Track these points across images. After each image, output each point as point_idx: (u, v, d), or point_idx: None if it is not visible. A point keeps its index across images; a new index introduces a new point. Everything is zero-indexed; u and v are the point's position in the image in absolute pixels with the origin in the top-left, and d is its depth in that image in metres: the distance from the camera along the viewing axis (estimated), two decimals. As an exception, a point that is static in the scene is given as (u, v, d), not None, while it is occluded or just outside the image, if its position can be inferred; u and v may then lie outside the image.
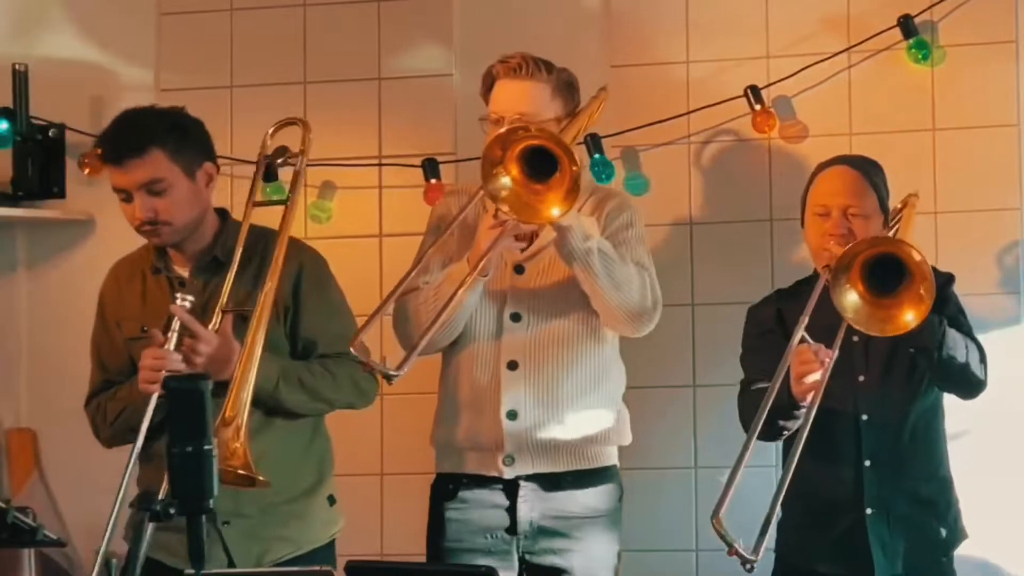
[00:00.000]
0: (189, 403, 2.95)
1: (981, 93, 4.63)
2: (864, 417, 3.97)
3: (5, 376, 5.08)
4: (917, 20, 4.64)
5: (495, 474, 4.06)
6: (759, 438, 3.75)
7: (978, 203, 4.58)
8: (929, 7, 4.64)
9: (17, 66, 4.96)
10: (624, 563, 4.23)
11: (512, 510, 4.07)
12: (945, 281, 4.00)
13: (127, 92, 5.07)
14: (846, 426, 3.96)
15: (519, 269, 4.10)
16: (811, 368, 3.75)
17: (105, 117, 5.02)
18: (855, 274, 3.72)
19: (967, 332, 3.95)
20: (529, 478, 4.06)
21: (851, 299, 3.72)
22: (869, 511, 3.94)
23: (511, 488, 4.07)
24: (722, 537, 3.46)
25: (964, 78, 4.65)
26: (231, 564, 3.81)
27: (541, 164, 3.79)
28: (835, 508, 3.96)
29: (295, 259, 3.98)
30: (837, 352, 3.77)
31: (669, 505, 4.67)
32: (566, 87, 4.09)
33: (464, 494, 4.10)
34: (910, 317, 3.68)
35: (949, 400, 4.26)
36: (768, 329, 4.07)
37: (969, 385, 3.95)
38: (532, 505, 4.06)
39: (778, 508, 3.61)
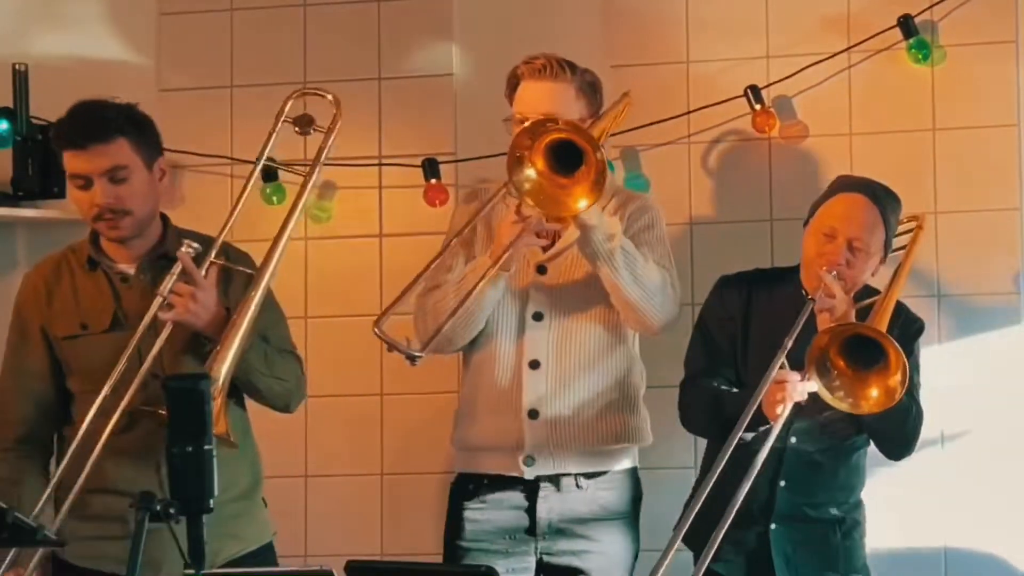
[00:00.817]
0: (189, 403, 2.95)
1: (981, 93, 4.63)
2: (792, 440, 3.99)
3: (5, 376, 5.07)
4: (917, 20, 4.64)
5: (515, 474, 4.07)
6: (718, 441, 3.82)
7: (978, 203, 4.58)
8: (929, 7, 4.63)
9: (17, 66, 4.95)
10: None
11: (531, 511, 4.07)
12: (916, 331, 4.03)
13: (127, 92, 5.03)
14: (775, 447, 3.91)
15: (541, 269, 4.12)
16: (785, 399, 3.77)
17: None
18: (835, 352, 3.74)
19: (914, 396, 3.96)
20: (549, 479, 4.07)
21: (833, 383, 3.76)
22: (773, 526, 3.98)
23: (531, 488, 4.08)
24: None
25: (964, 78, 4.64)
26: (186, 564, 3.81)
27: (567, 158, 3.82)
28: (744, 518, 3.92)
29: (245, 259, 3.98)
30: (810, 383, 3.78)
31: (669, 505, 4.66)
32: (589, 88, 4.12)
33: (484, 495, 4.11)
34: (869, 406, 3.74)
35: (949, 399, 4.28)
36: (729, 316, 4.07)
37: (898, 451, 4.03)
38: (551, 506, 4.07)
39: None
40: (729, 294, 4.14)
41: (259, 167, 4.04)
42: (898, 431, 3.95)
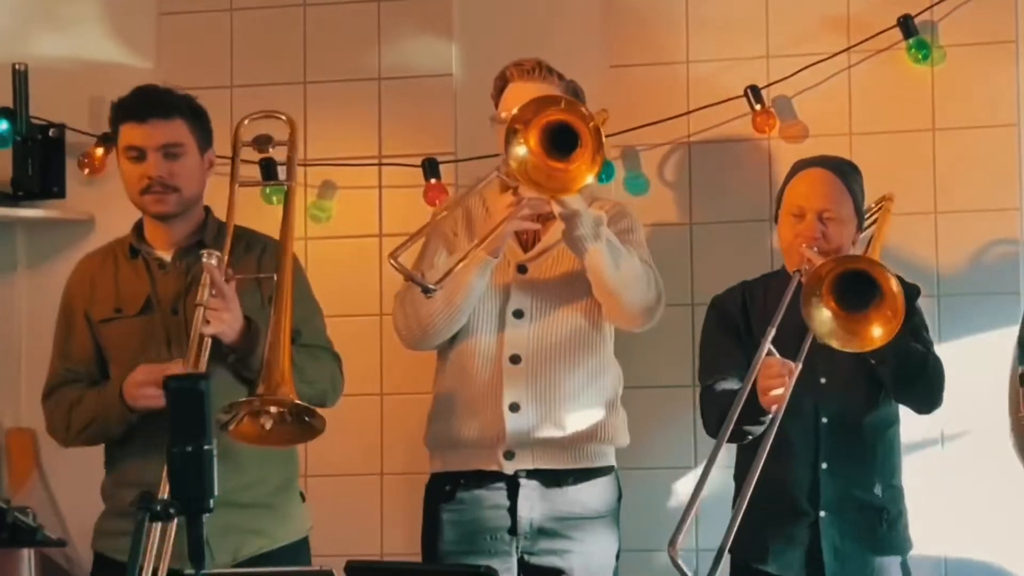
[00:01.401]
0: (189, 403, 2.95)
1: (981, 93, 4.63)
2: (824, 420, 3.99)
3: (5, 376, 5.08)
4: (917, 20, 4.64)
5: (495, 468, 4.08)
6: (734, 440, 3.83)
7: (978, 203, 4.58)
8: (929, 7, 4.63)
9: (17, 66, 4.96)
10: (624, 563, 4.24)
11: (512, 510, 4.07)
12: (914, 294, 4.03)
13: (127, 92, 5.06)
14: (806, 428, 3.97)
15: (522, 269, 4.13)
16: (777, 383, 3.76)
17: (104, 117, 5.03)
18: (827, 290, 3.74)
19: (927, 347, 3.99)
20: (529, 474, 4.08)
21: (823, 315, 3.74)
22: (823, 514, 3.96)
23: (511, 486, 4.08)
24: (675, 564, 3.39)
25: (964, 78, 4.64)
26: (211, 557, 3.83)
27: (563, 142, 3.84)
28: (790, 509, 3.97)
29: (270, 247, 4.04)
30: (801, 364, 3.77)
31: (669, 505, 4.67)
32: (573, 95, 4.13)
33: (462, 495, 4.12)
34: (878, 334, 3.72)
35: (949, 399, 4.27)
36: (732, 323, 4.08)
37: (925, 401, 4.01)
38: (532, 505, 4.07)
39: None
40: (725, 304, 4.16)
41: (235, 188, 4.10)
42: (920, 381, 3.94)
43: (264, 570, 3.84)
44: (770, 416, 3.78)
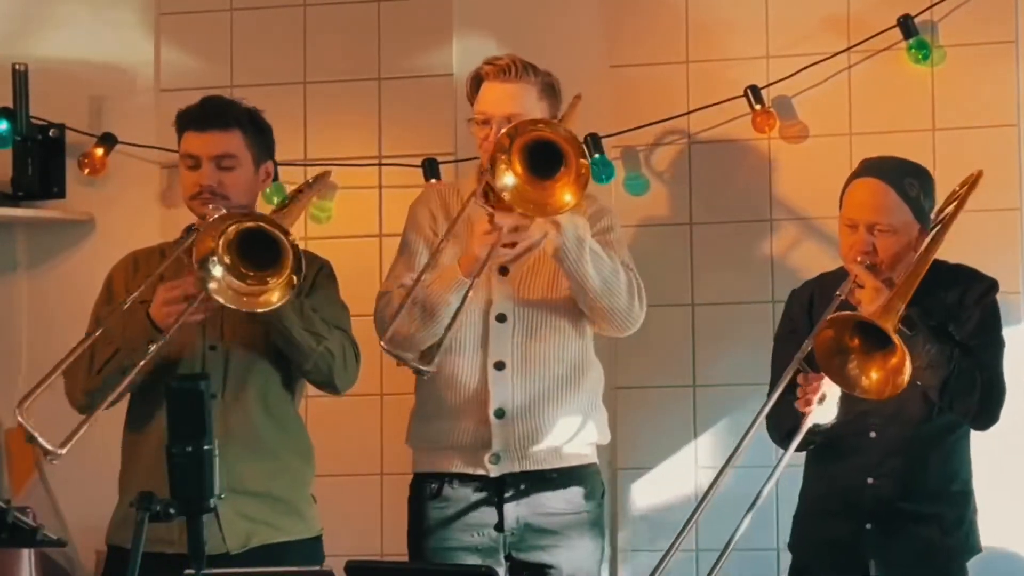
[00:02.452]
0: (189, 403, 2.95)
1: (981, 93, 4.63)
2: (872, 434, 3.94)
3: (5, 376, 5.07)
4: (917, 20, 4.64)
5: (481, 472, 4.09)
6: (781, 446, 3.84)
7: (978, 203, 4.57)
8: (929, 7, 4.63)
9: (17, 66, 4.96)
10: (624, 563, 4.24)
11: (499, 507, 4.08)
12: (981, 292, 3.97)
13: (127, 92, 5.07)
14: (855, 440, 3.94)
15: (503, 271, 4.12)
16: (810, 400, 3.77)
17: (105, 117, 5.05)
18: (847, 336, 3.69)
19: (985, 359, 3.88)
20: (515, 476, 4.08)
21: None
22: (868, 526, 3.93)
23: (498, 485, 4.09)
24: None
25: (964, 78, 4.64)
26: (223, 540, 3.86)
27: (545, 160, 3.84)
28: (837, 516, 3.96)
29: (317, 260, 4.11)
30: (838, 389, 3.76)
31: (669, 505, 4.67)
32: (551, 90, 4.13)
33: (448, 492, 4.12)
34: (875, 376, 3.69)
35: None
36: (792, 329, 4.03)
37: (978, 421, 3.93)
38: (518, 503, 4.08)
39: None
40: (796, 301, 4.11)
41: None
42: (967, 402, 3.85)
43: (264, 570, 3.83)
44: (824, 427, 3.80)
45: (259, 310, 3.79)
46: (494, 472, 4.09)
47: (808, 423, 3.77)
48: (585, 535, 4.12)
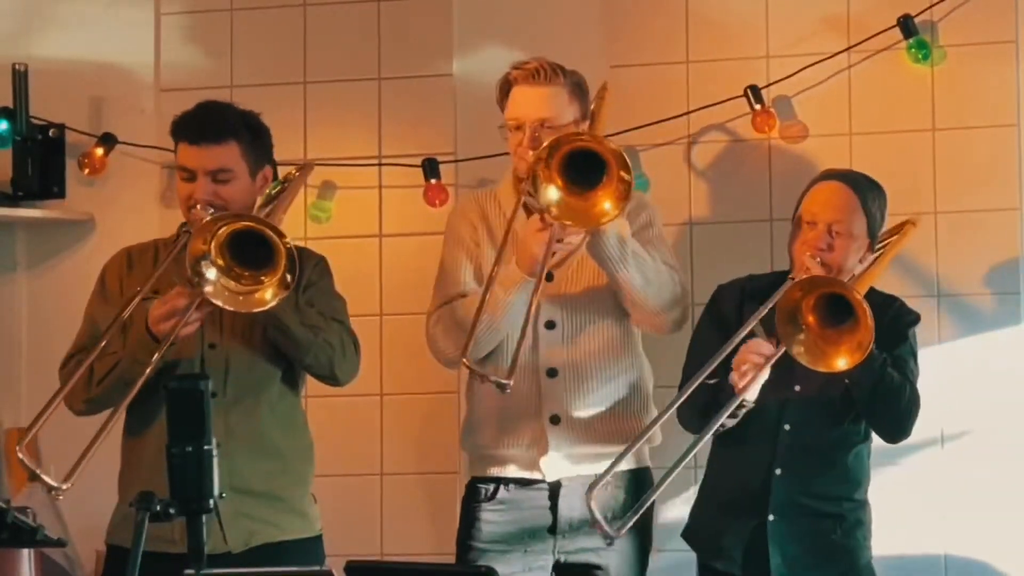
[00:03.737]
0: (189, 403, 2.95)
1: (981, 93, 4.63)
2: (786, 427, 3.99)
3: (5, 376, 5.08)
4: (917, 20, 4.64)
5: (539, 476, 4.11)
6: (694, 432, 3.90)
7: (978, 203, 4.58)
8: (929, 7, 4.63)
9: (17, 66, 4.96)
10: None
11: (554, 509, 4.10)
12: (911, 321, 4.04)
13: (127, 92, 5.07)
14: (767, 431, 3.97)
15: (548, 276, 4.12)
16: (752, 359, 3.80)
17: (105, 117, 5.04)
18: (808, 307, 3.77)
19: (909, 379, 3.96)
20: (570, 480, 4.10)
21: (799, 337, 3.78)
22: (771, 517, 3.97)
23: (552, 489, 4.12)
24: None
25: (964, 78, 4.64)
26: (224, 539, 3.86)
27: (584, 169, 3.86)
28: (741, 509, 3.99)
29: (313, 256, 4.08)
30: (781, 352, 3.80)
31: (669, 505, 4.67)
32: (579, 89, 4.14)
33: (504, 495, 4.14)
34: (843, 363, 3.75)
35: (949, 399, 4.27)
36: (724, 318, 4.07)
37: (892, 430, 3.99)
38: (572, 504, 4.09)
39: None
40: (724, 298, 4.15)
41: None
42: (891, 410, 3.94)
43: (264, 570, 3.84)
44: (745, 409, 3.83)
45: (256, 310, 3.79)
46: (550, 476, 4.10)
47: (737, 399, 3.79)
48: (634, 536, 4.12)
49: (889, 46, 4.67)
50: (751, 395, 3.84)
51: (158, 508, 2.94)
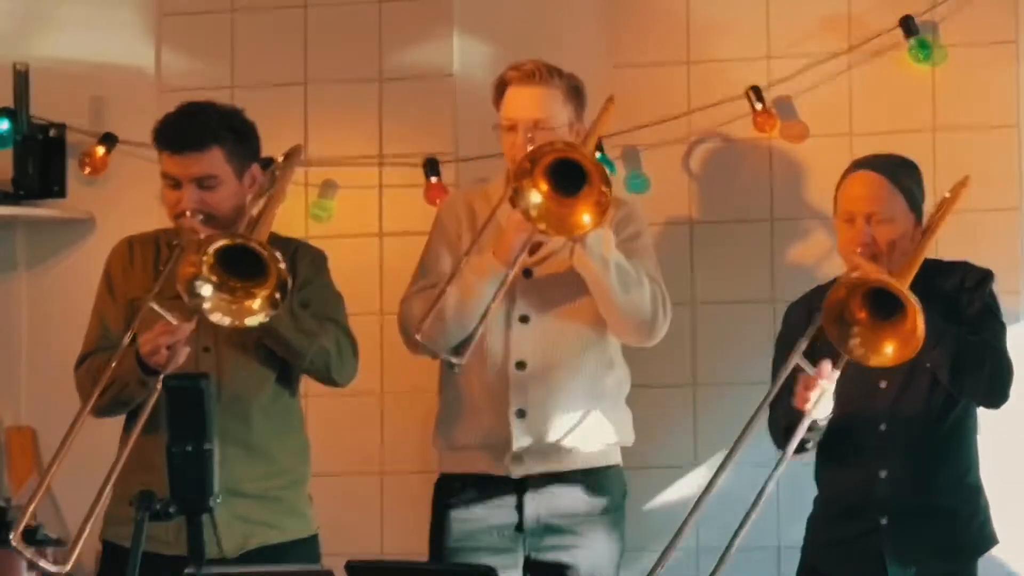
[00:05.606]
0: (189, 403, 2.95)
1: (982, 93, 4.63)
2: (882, 427, 3.94)
3: (5, 375, 5.08)
4: (918, 20, 4.64)
5: (503, 474, 4.10)
6: (783, 449, 3.80)
7: (978, 203, 4.57)
8: (930, 7, 4.63)
9: (17, 66, 4.96)
10: (625, 562, 4.24)
11: (520, 507, 4.09)
12: (981, 280, 4.00)
13: (128, 92, 5.06)
14: (864, 434, 3.93)
15: (527, 273, 4.13)
16: (808, 395, 3.74)
17: (105, 117, 5.05)
18: (856, 304, 3.72)
19: (991, 341, 3.89)
20: (536, 477, 4.09)
21: (853, 339, 3.73)
22: (883, 520, 3.92)
23: (519, 485, 4.11)
24: None
25: (965, 78, 4.64)
26: (218, 545, 3.83)
27: (570, 177, 3.87)
28: (850, 514, 3.95)
29: (310, 251, 4.08)
30: (838, 371, 3.75)
31: (669, 505, 4.67)
32: (575, 92, 4.16)
33: (470, 493, 4.14)
34: (899, 353, 3.69)
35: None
36: (794, 336, 4.02)
37: (989, 397, 3.92)
38: (539, 503, 4.09)
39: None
40: (793, 315, 4.10)
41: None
42: (978, 377, 3.85)
43: (264, 569, 3.83)
44: (821, 427, 3.80)
45: (251, 323, 3.76)
46: (516, 473, 4.10)
47: (807, 420, 3.76)
48: (605, 536, 4.13)
49: (890, 46, 4.67)
50: (821, 412, 3.78)
51: (158, 507, 2.94)
